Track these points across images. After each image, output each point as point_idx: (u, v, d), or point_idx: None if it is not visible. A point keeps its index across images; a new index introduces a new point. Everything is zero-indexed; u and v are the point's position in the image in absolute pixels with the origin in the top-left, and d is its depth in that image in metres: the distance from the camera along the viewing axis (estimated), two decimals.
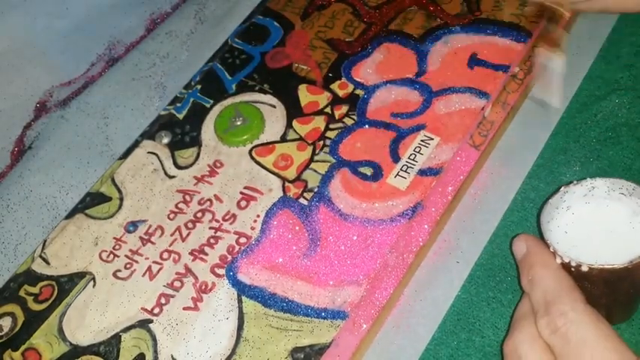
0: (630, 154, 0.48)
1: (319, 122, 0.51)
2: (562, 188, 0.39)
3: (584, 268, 0.36)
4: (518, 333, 0.37)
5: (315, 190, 0.48)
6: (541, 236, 0.39)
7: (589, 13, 0.51)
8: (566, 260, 0.37)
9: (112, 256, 0.48)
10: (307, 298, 0.43)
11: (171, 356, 0.43)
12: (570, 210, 0.39)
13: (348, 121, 0.51)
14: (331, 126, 0.51)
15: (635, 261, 0.35)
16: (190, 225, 0.48)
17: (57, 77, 0.62)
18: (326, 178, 0.48)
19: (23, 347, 0.45)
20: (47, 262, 0.48)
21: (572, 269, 0.37)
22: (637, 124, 0.49)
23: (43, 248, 0.49)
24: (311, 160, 0.49)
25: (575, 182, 0.39)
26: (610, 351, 0.34)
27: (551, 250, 0.38)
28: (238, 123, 0.51)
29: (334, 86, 0.53)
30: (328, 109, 0.52)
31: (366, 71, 0.53)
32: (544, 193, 0.48)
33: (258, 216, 0.47)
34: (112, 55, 0.63)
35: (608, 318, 0.40)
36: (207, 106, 0.54)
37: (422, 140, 0.49)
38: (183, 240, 0.48)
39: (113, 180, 0.51)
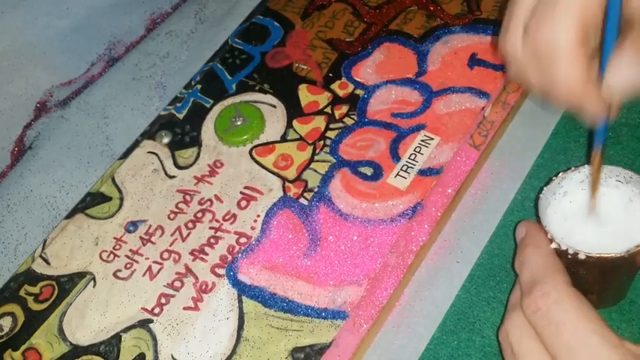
0: (630, 154, 0.48)
1: (319, 122, 0.51)
2: (560, 174, 0.40)
3: (582, 256, 0.36)
4: (509, 320, 0.37)
5: (316, 190, 0.48)
6: (539, 222, 0.39)
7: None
8: (564, 247, 0.37)
9: (112, 256, 0.48)
10: (307, 298, 0.43)
11: (172, 356, 0.43)
12: (567, 196, 0.39)
13: (349, 121, 0.51)
14: (331, 126, 0.51)
15: (631, 250, 0.35)
16: (191, 225, 0.48)
17: (57, 77, 0.62)
18: (326, 178, 0.48)
19: (23, 347, 0.45)
20: (47, 262, 0.48)
21: (569, 256, 0.37)
22: (637, 124, 0.49)
23: (43, 248, 0.49)
24: (311, 160, 0.49)
25: (572, 168, 0.39)
26: (591, 332, 0.33)
27: (549, 236, 0.38)
28: (238, 123, 0.51)
29: (334, 86, 0.53)
30: (328, 109, 0.52)
31: (366, 71, 0.53)
32: None
33: (258, 216, 0.47)
34: (112, 55, 0.63)
35: (599, 302, 0.40)
36: (208, 106, 0.54)
37: (422, 140, 0.49)
38: (184, 240, 0.48)
39: (113, 180, 0.51)
